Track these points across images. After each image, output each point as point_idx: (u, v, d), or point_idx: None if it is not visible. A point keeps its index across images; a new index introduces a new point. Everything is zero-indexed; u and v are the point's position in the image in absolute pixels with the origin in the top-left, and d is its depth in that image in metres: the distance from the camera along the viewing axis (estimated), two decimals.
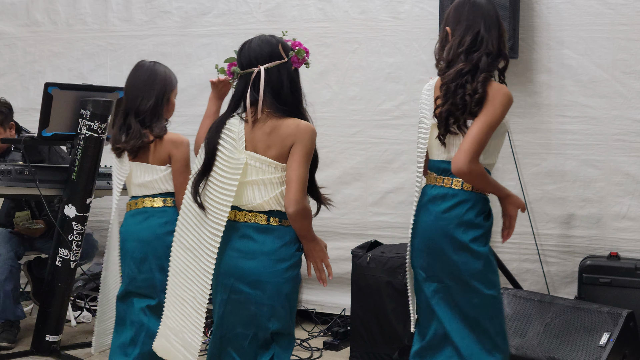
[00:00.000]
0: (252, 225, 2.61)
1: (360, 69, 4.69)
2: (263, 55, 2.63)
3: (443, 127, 2.75)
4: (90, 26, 5.28)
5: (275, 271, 2.58)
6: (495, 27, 2.78)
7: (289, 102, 2.62)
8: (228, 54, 4.94)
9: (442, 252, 2.75)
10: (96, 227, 5.22)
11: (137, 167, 3.13)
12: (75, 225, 4.00)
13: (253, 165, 2.59)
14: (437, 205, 2.76)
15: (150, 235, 3.07)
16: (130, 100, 3.12)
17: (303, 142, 2.54)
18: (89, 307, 4.89)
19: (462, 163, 2.65)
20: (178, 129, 5.08)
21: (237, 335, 2.64)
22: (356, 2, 4.70)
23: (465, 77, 2.70)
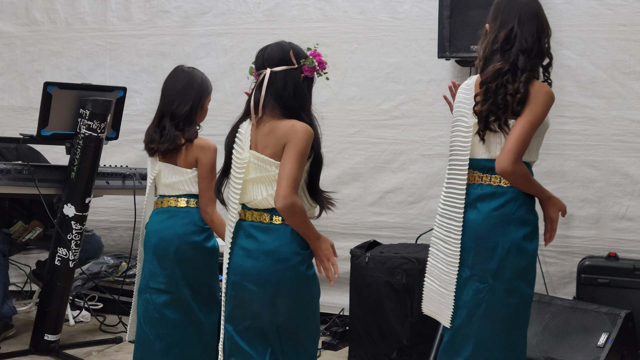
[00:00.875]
0: (256, 224, 2.69)
1: (360, 69, 4.69)
2: (273, 59, 2.72)
3: (483, 124, 2.74)
4: (89, 25, 5.28)
5: (276, 271, 2.63)
6: (532, 22, 2.76)
7: (289, 106, 2.67)
8: (227, 53, 4.99)
9: (492, 250, 2.74)
10: (95, 227, 5.22)
11: (165, 168, 3.22)
12: (74, 224, 4.00)
13: (254, 164, 2.67)
14: (487, 204, 2.76)
15: (172, 234, 3.15)
16: (167, 103, 3.22)
17: (295, 141, 2.59)
18: (88, 307, 4.89)
19: (506, 163, 2.66)
20: None
21: (248, 328, 2.70)
22: (355, 2, 4.71)
23: (506, 77, 2.70)
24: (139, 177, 4.48)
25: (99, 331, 4.66)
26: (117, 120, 4.24)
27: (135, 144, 5.21)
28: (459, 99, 2.87)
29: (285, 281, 2.63)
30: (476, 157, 2.80)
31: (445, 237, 2.84)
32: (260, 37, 4.89)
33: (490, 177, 2.77)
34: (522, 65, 2.71)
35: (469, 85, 2.86)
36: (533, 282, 2.84)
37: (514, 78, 2.70)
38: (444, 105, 4.54)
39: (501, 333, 2.77)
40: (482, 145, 2.78)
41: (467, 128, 2.80)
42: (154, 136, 3.21)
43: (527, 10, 2.77)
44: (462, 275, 2.80)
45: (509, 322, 2.77)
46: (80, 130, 3.97)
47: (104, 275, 4.91)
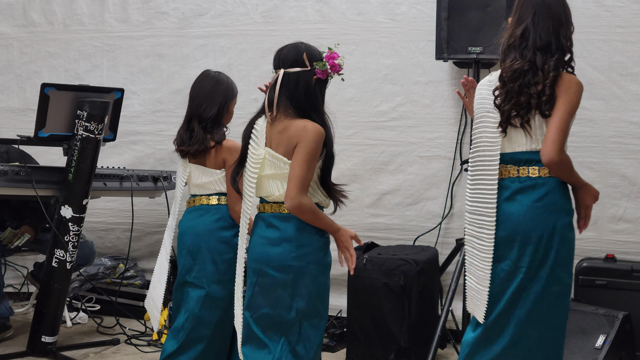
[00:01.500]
0: (276, 215, 2.81)
1: (357, 71, 4.69)
2: (288, 60, 2.83)
3: (505, 119, 2.77)
4: (86, 27, 5.28)
5: (298, 255, 2.76)
6: (547, 17, 2.76)
7: (301, 106, 2.78)
8: (225, 54, 4.99)
9: (537, 241, 2.75)
10: (92, 228, 5.22)
11: (195, 169, 3.37)
12: (71, 226, 4.00)
13: (269, 160, 2.80)
14: (528, 195, 2.77)
15: (204, 230, 3.30)
16: (195, 106, 3.36)
17: (305, 142, 2.71)
18: (85, 308, 4.88)
19: (553, 153, 2.68)
20: (174, 130, 5.06)
21: (264, 316, 2.80)
22: (353, 3, 4.71)
23: (527, 78, 2.73)
24: (137, 179, 4.47)
25: (96, 333, 4.65)
26: (114, 122, 4.24)
27: (133, 145, 5.21)
28: (482, 95, 2.88)
29: (307, 265, 2.76)
30: (508, 151, 2.81)
31: (477, 234, 2.86)
32: (258, 39, 4.92)
33: (528, 168, 2.78)
34: (541, 64, 2.73)
35: (491, 82, 2.87)
36: (572, 270, 2.87)
37: (535, 78, 2.73)
38: (441, 107, 4.56)
39: (540, 322, 2.79)
40: (505, 138, 2.80)
41: (494, 124, 2.81)
42: (184, 138, 3.36)
43: (543, 5, 2.77)
44: (503, 269, 2.80)
45: (549, 311, 2.79)
46: (77, 132, 3.96)
47: (102, 276, 4.90)
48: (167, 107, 5.13)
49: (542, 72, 2.72)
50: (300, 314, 2.77)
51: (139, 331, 4.64)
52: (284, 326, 2.78)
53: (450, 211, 4.54)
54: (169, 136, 5.12)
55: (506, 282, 2.79)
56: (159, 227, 5.12)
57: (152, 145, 5.17)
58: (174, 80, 5.11)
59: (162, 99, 5.15)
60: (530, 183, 2.78)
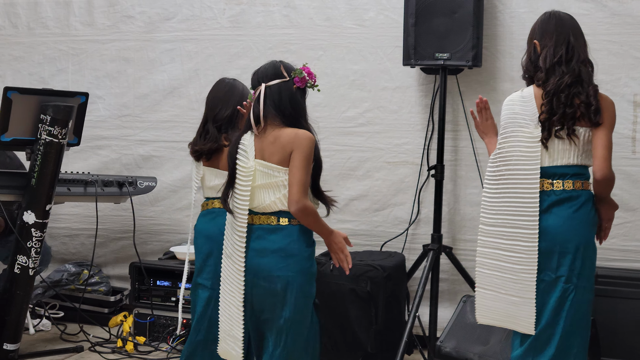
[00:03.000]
0: (264, 227, 2.93)
1: (325, 76, 4.68)
2: (268, 75, 2.98)
3: (547, 131, 2.95)
4: (51, 30, 5.22)
5: (285, 266, 2.89)
6: (581, 36, 3.05)
7: (287, 114, 2.93)
8: (192, 59, 4.96)
9: (575, 251, 2.92)
10: (56, 234, 5.15)
11: (209, 172, 3.45)
12: (34, 231, 3.94)
13: (260, 171, 2.92)
14: (566, 208, 2.94)
15: (216, 232, 3.32)
16: (210, 109, 3.47)
17: (301, 148, 2.85)
18: (49, 315, 4.82)
19: (607, 170, 2.89)
20: (140, 135, 5.08)
21: (267, 320, 2.96)
22: (321, 9, 4.70)
23: (574, 89, 2.93)
24: (101, 184, 4.42)
25: (59, 340, 4.60)
26: (79, 126, 4.19)
27: (98, 150, 5.16)
28: (515, 111, 3.03)
29: (294, 275, 2.89)
30: (546, 165, 2.98)
31: (509, 247, 2.98)
32: (225, 44, 4.90)
33: (563, 182, 2.96)
34: (586, 77, 2.96)
35: (525, 97, 3.04)
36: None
37: (581, 89, 2.93)
38: (409, 113, 4.58)
39: (581, 329, 2.97)
40: (546, 152, 2.96)
41: (532, 138, 2.97)
42: (198, 139, 3.46)
43: (575, 25, 3.06)
44: (544, 280, 2.94)
45: (586, 317, 2.98)
46: (41, 136, 3.91)
47: (65, 283, 4.84)
48: (133, 112, 5.09)
49: (587, 85, 2.94)
50: (289, 322, 2.90)
51: (103, 338, 4.59)
52: (275, 332, 2.93)
53: (417, 217, 4.55)
54: (135, 141, 5.10)
55: (547, 292, 2.94)
56: (124, 233, 5.08)
57: (117, 150, 5.13)
58: (140, 84, 5.07)
59: (128, 104, 5.10)
60: (566, 195, 2.95)
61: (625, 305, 3.90)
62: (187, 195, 5.01)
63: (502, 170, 3.03)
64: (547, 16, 3.09)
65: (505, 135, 3.04)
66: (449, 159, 4.47)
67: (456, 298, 4.41)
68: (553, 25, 3.04)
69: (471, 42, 4.13)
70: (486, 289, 3.07)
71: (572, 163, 2.96)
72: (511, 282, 2.98)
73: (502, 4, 4.37)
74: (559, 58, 2.98)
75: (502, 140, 3.05)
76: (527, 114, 3.00)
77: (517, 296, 2.97)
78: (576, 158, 2.97)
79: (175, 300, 4.52)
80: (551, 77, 2.97)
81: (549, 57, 2.99)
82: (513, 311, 2.99)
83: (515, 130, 3.01)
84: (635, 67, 4.16)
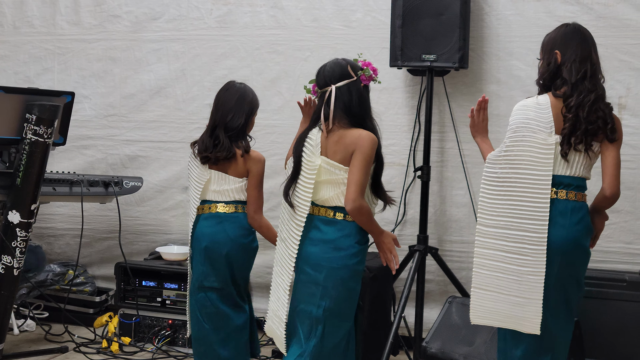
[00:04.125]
0: (321, 218, 3.07)
1: (312, 77, 4.63)
2: (335, 76, 3.10)
3: (567, 145, 3.01)
4: (37, 29, 5.19)
5: (332, 257, 3.00)
6: (596, 53, 3.10)
7: (356, 114, 3.06)
8: (178, 59, 4.95)
9: (574, 259, 3.04)
10: (41, 234, 5.13)
11: (216, 175, 3.47)
12: (19, 231, 3.92)
13: (325, 168, 3.05)
14: (568, 218, 3.02)
15: (225, 238, 3.42)
16: (221, 115, 3.46)
17: (362, 149, 2.98)
18: (33, 316, 4.80)
19: (616, 188, 3.01)
20: (126, 135, 5.06)
21: (300, 311, 3.07)
22: (308, 9, 4.71)
23: (595, 106, 3.00)
24: (87, 184, 4.41)
25: (44, 340, 4.58)
26: (64, 126, 4.17)
27: (84, 150, 5.14)
28: (529, 116, 3.07)
29: (339, 268, 2.99)
30: (557, 174, 3.04)
31: (516, 249, 3.02)
32: (212, 44, 4.89)
33: (568, 192, 3.03)
34: (602, 93, 3.05)
35: (541, 105, 3.07)
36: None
37: (601, 106, 3.02)
38: (395, 114, 4.58)
39: (571, 326, 3.13)
40: (566, 163, 3.03)
41: (545, 145, 3.02)
42: (207, 145, 3.45)
43: (594, 42, 3.11)
44: (547, 283, 3.00)
45: (574, 315, 3.13)
46: (26, 136, 3.89)
47: (50, 283, 4.82)
48: (119, 112, 5.07)
49: (604, 103, 3.03)
50: (327, 312, 3.00)
51: (88, 339, 4.58)
52: (312, 322, 3.02)
53: (403, 218, 4.56)
54: (121, 141, 5.08)
55: (549, 294, 3.01)
56: (110, 233, 5.06)
57: (103, 150, 5.11)
58: (126, 84, 5.06)
59: (114, 104, 5.09)
60: (570, 207, 3.02)
61: (608, 306, 3.92)
62: (174, 195, 5.00)
63: (509, 173, 3.05)
64: (570, 29, 3.12)
65: (516, 139, 3.07)
66: (435, 161, 4.48)
67: (442, 299, 4.43)
68: (578, 39, 3.08)
69: (458, 44, 4.14)
70: (484, 290, 3.09)
71: (577, 175, 3.04)
72: (516, 283, 3.02)
73: (488, 6, 4.39)
74: (583, 74, 3.03)
75: (512, 143, 3.07)
76: (541, 121, 3.04)
77: (522, 297, 3.01)
78: (584, 170, 3.06)
79: (160, 300, 4.51)
80: (575, 92, 3.02)
81: (574, 71, 3.03)
82: (517, 312, 3.03)
83: (527, 136, 3.05)
84: (620, 69, 4.19)
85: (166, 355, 4.36)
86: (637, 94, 4.19)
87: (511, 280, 3.02)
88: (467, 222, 4.48)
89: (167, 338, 4.42)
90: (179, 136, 4.96)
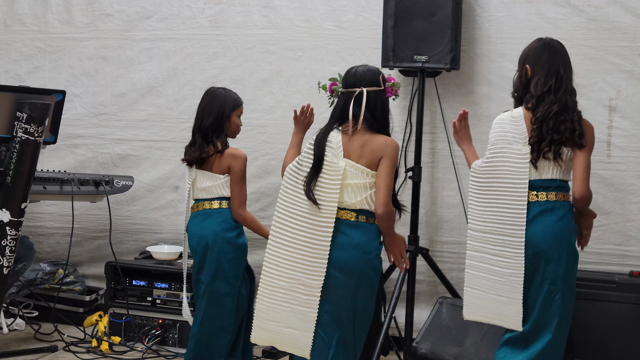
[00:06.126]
0: (344, 221, 3.10)
1: (304, 77, 4.69)
2: (366, 80, 3.17)
3: (537, 153, 3.21)
4: (28, 27, 5.18)
5: (362, 261, 3.08)
6: (569, 66, 3.29)
7: (379, 122, 3.16)
8: (170, 58, 4.95)
9: (559, 257, 3.19)
10: (31, 233, 5.11)
11: (201, 175, 3.66)
12: (9, 230, 3.90)
13: (349, 171, 3.11)
14: (549, 217, 3.20)
15: (210, 232, 3.59)
16: (197, 119, 3.69)
17: (390, 156, 3.09)
18: (23, 314, 4.78)
19: (585, 189, 3.17)
20: (117, 134, 5.06)
21: (325, 312, 3.10)
22: (300, 10, 4.71)
23: (561, 116, 3.19)
24: (78, 183, 4.40)
25: (33, 340, 4.57)
26: (55, 124, 4.16)
27: (75, 148, 5.12)
28: (505, 129, 3.29)
29: (368, 271, 3.10)
30: (530, 179, 3.22)
31: (497, 252, 3.25)
32: (204, 43, 4.89)
33: (547, 194, 3.21)
34: (571, 105, 3.22)
35: (515, 118, 3.28)
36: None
37: (567, 116, 3.19)
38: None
39: (566, 323, 3.25)
40: (535, 170, 3.22)
41: (521, 155, 3.23)
42: (187, 149, 3.68)
43: (566, 57, 3.29)
44: (532, 282, 3.21)
45: (569, 314, 3.26)
46: (16, 134, 3.87)
47: (40, 282, 4.81)
48: (110, 111, 5.07)
49: (572, 112, 3.20)
50: (358, 313, 3.12)
51: (77, 338, 4.57)
52: (341, 323, 3.10)
53: None
54: (112, 140, 5.07)
55: (535, 294, 3.21)
56: (100, 232, 5.05)
57: (94, 149, 5.10)
58: (117, 83, 5.05)
59: (105, 102, 5.08)
60: (549, 206, 3.20)
61: (599, 307, 3.94)
62: (164, 194, 4.99)
63: (491, 182, 3.28)
64: (540, 44, 3.30)
65: (495, 151, 3.29)
66: (426, 161, 4.49)
67: (432, 299, 4.44)
68: (547, 55, 3.26)
69: (449, 45, 4.15)
70: (475, 289, 3.32)
71: (555, 177, 3.23)
72: (500, 283, 3.24)
73: (480, 8, 4.40)
74: (548, 88, 3.22)
75: (491, 155, 3.29)
76: (516, 133, 3.25)
77: (505, 296, 3.23)
78: (559, 173, 3.24)
79: (151, 300, 4.51)
80: (540, 104, 3.22)
81: (540, 85, 3.23)
82: (501, 310, 3.25)
83: (504, 147, 3.26)
84: (610, 71, 4.21)
85: (156, 355, 4.36)
86: (628, 96, 4.21)
87: (495, 281, 3.25)
88: (457, 223, 4.49)
89: (157, 337, 4.41)
90: (170, 135, 4.95)
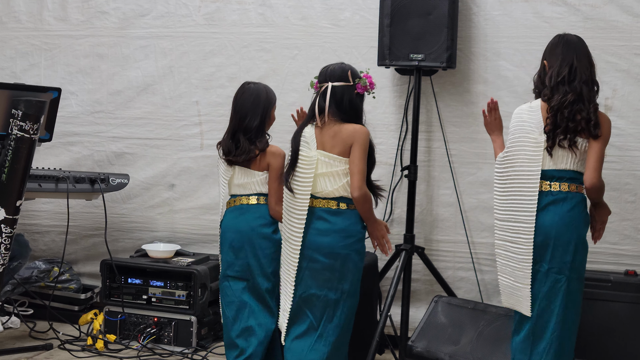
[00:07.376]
0: (325, 209, 3.35)
1: (300, 75, 4.69)
2: (335, 76, 3.40)
3: (552, 142, 3.30)
4: (24, 24, 5.17)
5: (345, 245, 3.32)
6: (585, 58, 3.36)
7: (347, 113, 3.35)
8: (166, 56, 4.94)
9: (567, 246, 3.29)
10: (27, 230, 5.10)
11: (239, 170, 3.67)
12: (4, 227, 3.90)
13: (323, 161, 3.33)
14: (561, 207, 3.30)
15: (246, 227, 3.61)
16: (239, 119, 3.65)
17: (360, 142, 3.29)
18: (18, 312, 4.77)
19: (596, 179, 3.26)
20: (113, 131, 5.05)
21: (311, 296, 3.35)
22: (297, 8, 4.70)
23: (576, 106, 3.28)
24: (73, 180, 4.39)
25: (28, 338, 4.56)
26: (51, 122, 4.16)
27: (70, 146, 5.11)
28: (523, 119, 3.40)
29: (352, 254, 3.33)
30: (546, 168, 3.33)
31: (513, 239, 3.37)
32: (200, 41, 4.88)
33: (560, 184, 3.32)
34: (587, 95, 3.30)
35: (532, 108, 3.40)
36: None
37: (582, 107, 3.28)
38: (383, 113, 4.59)
39: (575, 314, 3.34)
40: (550, 158, 3.32)
41: (537, 144, 3.34)
42: (230, 148, 3.64)
43: (581, 48, 3.38)
44: (540, 270, 3.32)
45: (578, 304, 3.36)
46: (12, 131, 3.87)
47: (35, 280, 4.80)
48: (106, 108, 5.06)
49: (587, 102, 3.28)
50: (345, 294, 3.33)
51: (73, 336, 4.56)
52: (328, 305, 3.33)
53: (390, 217, 4.56)
54: (108, 138, 5.06)
55: (542, 281, 3.32)
56: (96, 230, 5.04)
57: (90, 146, 5.09)
58: (113, 81, 5.04)
59: (101, 100, 5.07)
60: (562, 196, 3.31)
61: (593, 306, 3.94)
62: (160, 192, 4.99)
63: (509, 171, 3.39)
64: (557, 39, 3.43)
65: (513, 140, 3.40)
66: (422, 160, 4.49)
67: (428, 298, 4.44)
68: (560, 48, 3.38)
69: (445, 44, 4.15)
70: (502, 276, 3.44)
71: (569, 168, 3.32)
72: (515, 270, 3.37)
73: (476, 7, 4.40)
74: (562, 78, 3.31)
75: (510, 144, 3.41)
76: (533, 122, 3.36)
77: (518, 282, 3.36)
78: (574, 164, 3.32)
79: (146, 298, 4.50)
80: (555, 94, 3.32)
81: (553, 77, 3.34)
82: (517, 295, 3.38)
83: (522, 136, 3.37)
84: (606, 70, 4.21)
85: (151, 353, 4.35)
86: (624, 95, 4.21)
87: (513, 267, 3.38)
88: (453, 222, 4.49)
89: (153, 336, 4.41)
90: (166, 133, 4.95)
